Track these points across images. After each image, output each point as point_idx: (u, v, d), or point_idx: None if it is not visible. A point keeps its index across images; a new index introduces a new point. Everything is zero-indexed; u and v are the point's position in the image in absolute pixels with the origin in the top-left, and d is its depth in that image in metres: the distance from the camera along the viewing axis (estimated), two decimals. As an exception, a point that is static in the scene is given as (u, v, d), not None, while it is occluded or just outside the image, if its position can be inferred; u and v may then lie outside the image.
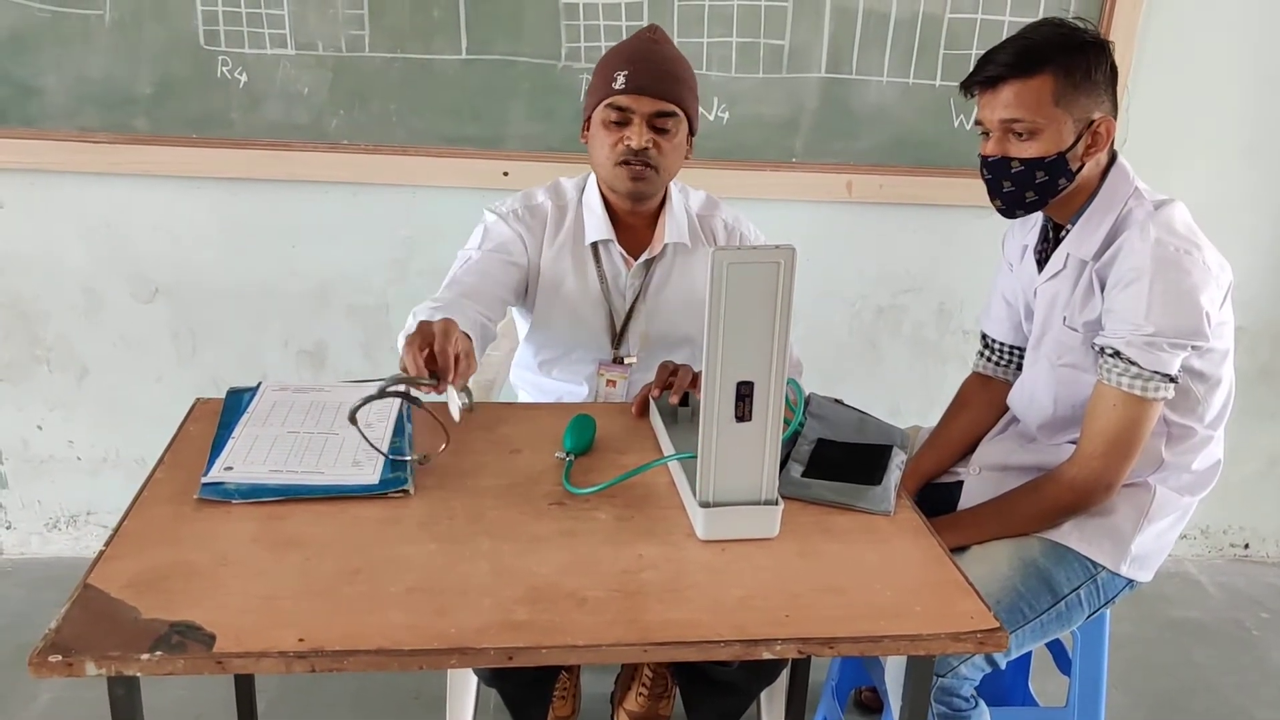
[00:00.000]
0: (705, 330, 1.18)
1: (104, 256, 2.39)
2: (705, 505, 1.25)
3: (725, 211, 1.85)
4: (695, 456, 1.26)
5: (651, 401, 1.56)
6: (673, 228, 1.77)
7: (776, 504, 1.27)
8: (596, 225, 1.76)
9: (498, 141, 2.33)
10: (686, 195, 1.84)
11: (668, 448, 1.45)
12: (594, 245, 1.77)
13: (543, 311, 1.80)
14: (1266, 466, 2.80)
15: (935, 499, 1.75)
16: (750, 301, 1.17)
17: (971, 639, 1.12)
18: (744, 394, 1.21)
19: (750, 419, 1.22)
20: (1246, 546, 2.90)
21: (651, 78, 1.63)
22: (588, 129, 1.72)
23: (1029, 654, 1.85)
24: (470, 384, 1.41)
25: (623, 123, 1.64)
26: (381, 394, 1.31)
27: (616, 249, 1.77)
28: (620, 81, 1.62)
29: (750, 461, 1.25)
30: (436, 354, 1.30)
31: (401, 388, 1.32)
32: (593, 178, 1.78)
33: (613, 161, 1.66)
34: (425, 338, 1.32)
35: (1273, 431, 2.77)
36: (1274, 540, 2.90)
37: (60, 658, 1.02)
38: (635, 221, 1.78)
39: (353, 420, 1.34)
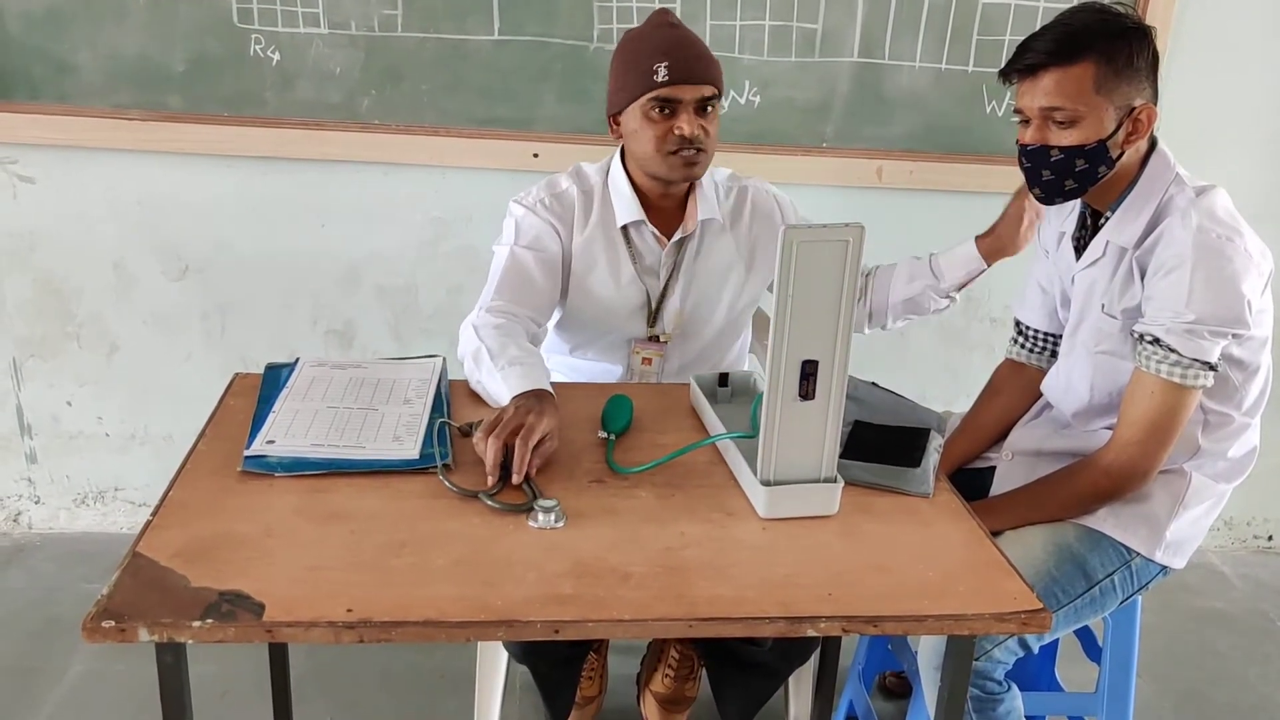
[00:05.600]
0: (773, 308, 1.19)
1: (135, 234, 2.40)
2: (766, 484, 1.26)
3: (752, 181, 1.88)
4: (753, 435, 1.26)
5: (692, 381, 1.57)
6: (705, 205, 1.78)
7: (836, 482, 1.28)
8: (626, 208, 1.76)
9: (528, 123, 2.33)
10: (711, 172, 1.84)
11: (714, 426, 1.46)
12: (624, 228, 1.77)
13: (575, 298, 1.80)
14: (1292, 458, 2.79)
15: (967, 484, 1.74)
16: (818, 280, 1.18)
17: (1015, 619, 1.13)
18: (808, 372, 1.22)
19: (814, 397, 1.23)
20: (1270, 538, 2.89)
21: (693, 65, 1.64)
22: (617, 123, 1.72)
23: (1057, 640, 1.85)
24: None
25: (670, 113, 1.65)
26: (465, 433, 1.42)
27: (649, 229, 1.77)
28: (663, 74, 1.62)
29: (812, 440, 1.26)
30: (515, 457, 1.31)
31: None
32: (617, 162, 1.78)
33: (664, 153, 1.66)
34: (509, 428, 1.33)
35: (1301, 422, 2.76)
36: (1298, 533, 2.89)
37: (113, 624, 1.03)
38: (665, 203, 1.78)
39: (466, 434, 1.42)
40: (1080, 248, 1.65)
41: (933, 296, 1.87)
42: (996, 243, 1.81)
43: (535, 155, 2.33)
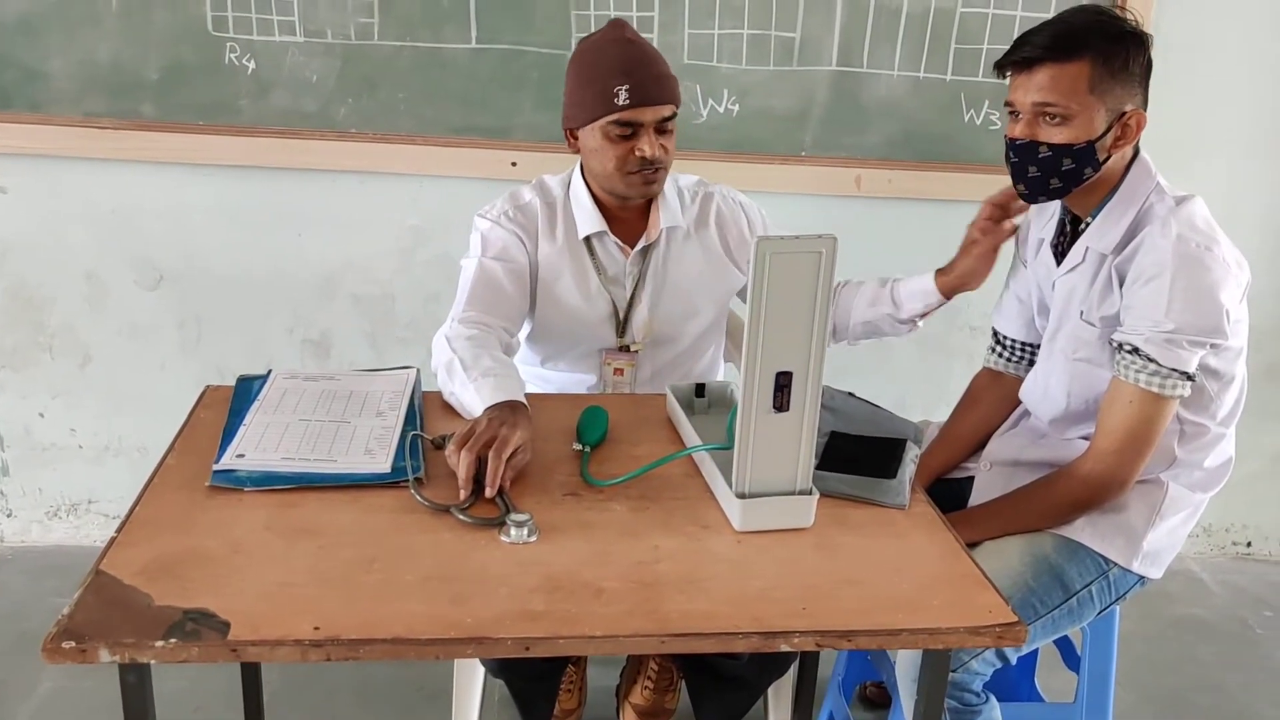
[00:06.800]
0: (746, 320, 1.18)
1: (109, 243, 2.38)
2: (742, 496, 1.25)
3: (718, 188, 1.86)
4: (728, 447, 1.26)
5: (668, 391, 1.56)
6: (667, 213, 1.77)
7: (811, 494, 1.27)
8: (587, 219, 1.76)
9: (506, 131, 2.32)
10: (676, 179, 1.84)
11: (690, 437, 1.45)
12: (587, 239, 1.77)
13: (543, 310, 1.79)
14: (1269, 465, 2.80)
15: (945, 495, 1.73)
16: (791, 291, 1.17)
17: (990, 633, 1.12)
18: (782, 384, 1.21)
19: (788, 409, 1.22)
20: (1249, 545, 2.90)
21: (653, 86, 1.64)
22: (574, 137, 1.72)
23: (1036, 650, 1.85)
24: None
25: (632, 134, 1.64)
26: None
27: (611, 240, 1.77)
28: (624, 97, 1.61)
29: (786, 452, 1.25)
30: (488, 469, 1.29)
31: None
32: (578, 173, 1.78)
33: (624, 172, 1.67)
34: (482, 441, 1.31)
35: (1276, 430, 2.77)
36: (1276, 539, 2.90)
37: (74, 644, 1.01)
38: (626, 214, 1.78)
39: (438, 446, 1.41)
40: (1060, 254, 1.65)
41: (892, 323, 1.83)
42: (957, 280, 1.76)
43: (513, 164, 2.32)
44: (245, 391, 1.55)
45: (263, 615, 1.06)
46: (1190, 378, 1.48)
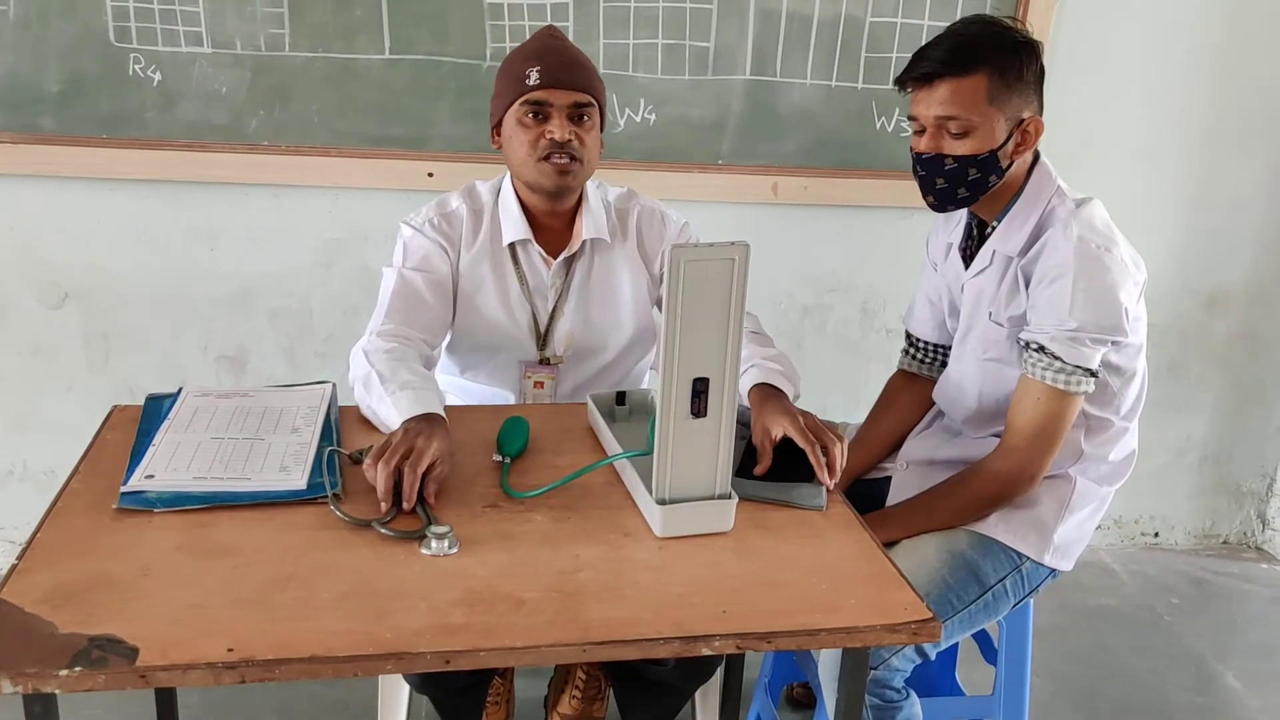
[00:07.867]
0: (662, 327, 1.19)
1: (8, 261, 2.30)
2: (662, 502, 1.26)
3: (643, 199, 1.85)
4: (648, 454, 1.26)
5: (590, 401, 1.56)
6: (590, 224, 1.76)
7: (730, 498, 1.29)
8: (513, 226, 1.74)
9: (422, 142, 2.30)
10: (605, 191, 1.83)
11: (611, 446, 1.45)
12: (511, 247, 1.76)
13: (464, 317, 1.77)
14: (1174, 458, 2.91)
15: (864, 495, 1.77)
16: (706, 298, 1.18)
17: (906, 630, 1.14)
18: (699, 390, 1.22)
19: (706, 415, 1.23)
20: (1156, 535, 3.00)
21: (564, 70, 1.64)
22: (498, 134, 1.71)
23: (956, 645, 1.89)
24: None
25: (542, 118, 1.64)
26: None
27: (535, 249, 1.75)
28: (534, 78, 1.61)
29: (705, 457, 1.26)
30: (405, 483, 1.28)
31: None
32: (508, 180, 1.77)
33: (536, 158, 1.64)
34: (399, 454, 1.30)
35: (1179, 424, 2.88)
36: (1182, 529, 3.01)
37: (-27, 676, 0.97)
38: (553, 222, 1.76)
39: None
40: (968, 257, 1.70)
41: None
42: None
43: (430, 174, 2.30)
44: (155, 411, 1.51)
45: (173, 639, 1.03)
46: (1094, 374, 1.53)
